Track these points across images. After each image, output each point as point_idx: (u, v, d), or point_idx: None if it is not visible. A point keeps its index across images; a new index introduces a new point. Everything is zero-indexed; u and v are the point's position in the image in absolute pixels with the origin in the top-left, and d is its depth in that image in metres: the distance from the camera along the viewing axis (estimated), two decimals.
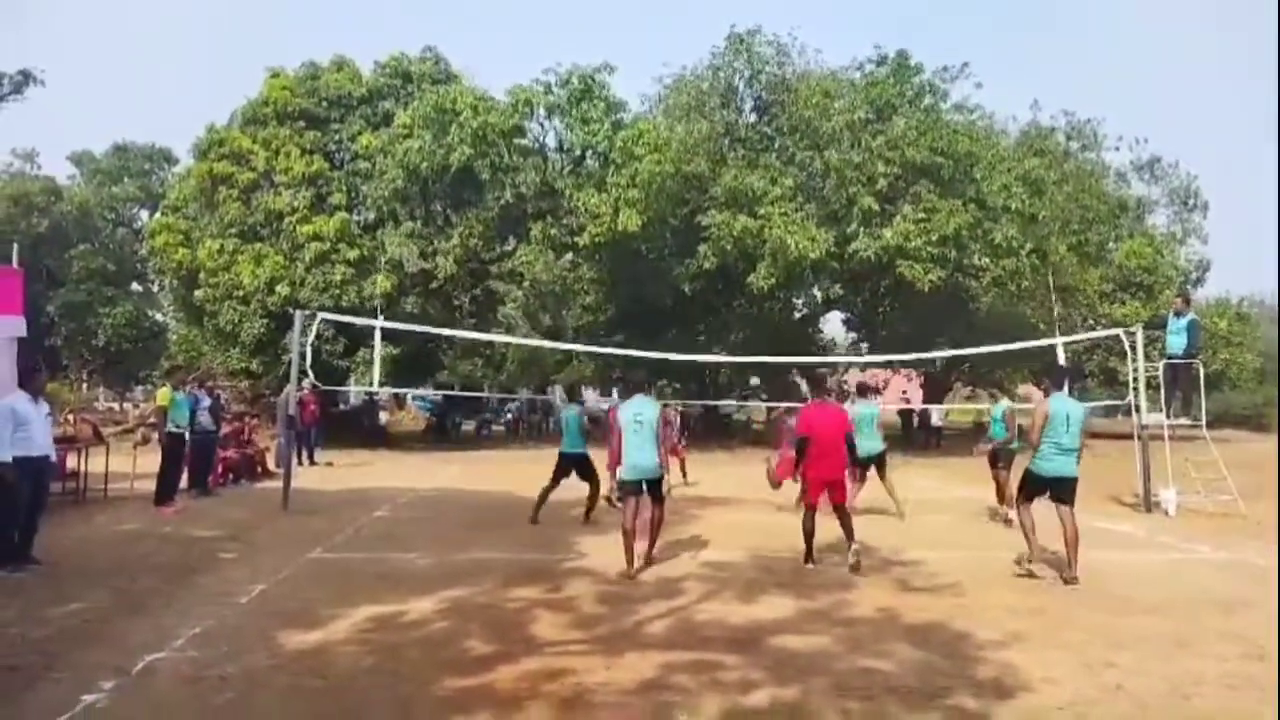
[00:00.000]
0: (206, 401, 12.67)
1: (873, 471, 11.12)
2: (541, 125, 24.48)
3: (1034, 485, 7.55)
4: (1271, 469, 13.61)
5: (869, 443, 10.68)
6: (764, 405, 31.57)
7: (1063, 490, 7.42)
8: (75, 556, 8.04)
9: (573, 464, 10.37)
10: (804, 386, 27.25)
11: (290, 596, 6.59)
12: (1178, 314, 12.93)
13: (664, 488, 7.99)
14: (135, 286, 39.58)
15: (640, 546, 7.54)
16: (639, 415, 7.64)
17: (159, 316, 38.10)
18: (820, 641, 5.43)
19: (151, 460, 12.08)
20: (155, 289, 38.92)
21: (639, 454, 7.57)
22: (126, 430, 16.34)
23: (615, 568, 7.48)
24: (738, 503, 12.52)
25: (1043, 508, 7.68)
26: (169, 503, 11.10)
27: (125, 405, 38.86)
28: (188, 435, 11.94)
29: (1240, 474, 12.50)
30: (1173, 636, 5.64)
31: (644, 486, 7.67)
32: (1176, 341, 12.59)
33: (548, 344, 23.16)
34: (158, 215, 29.79)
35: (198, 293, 23.39)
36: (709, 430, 27.79)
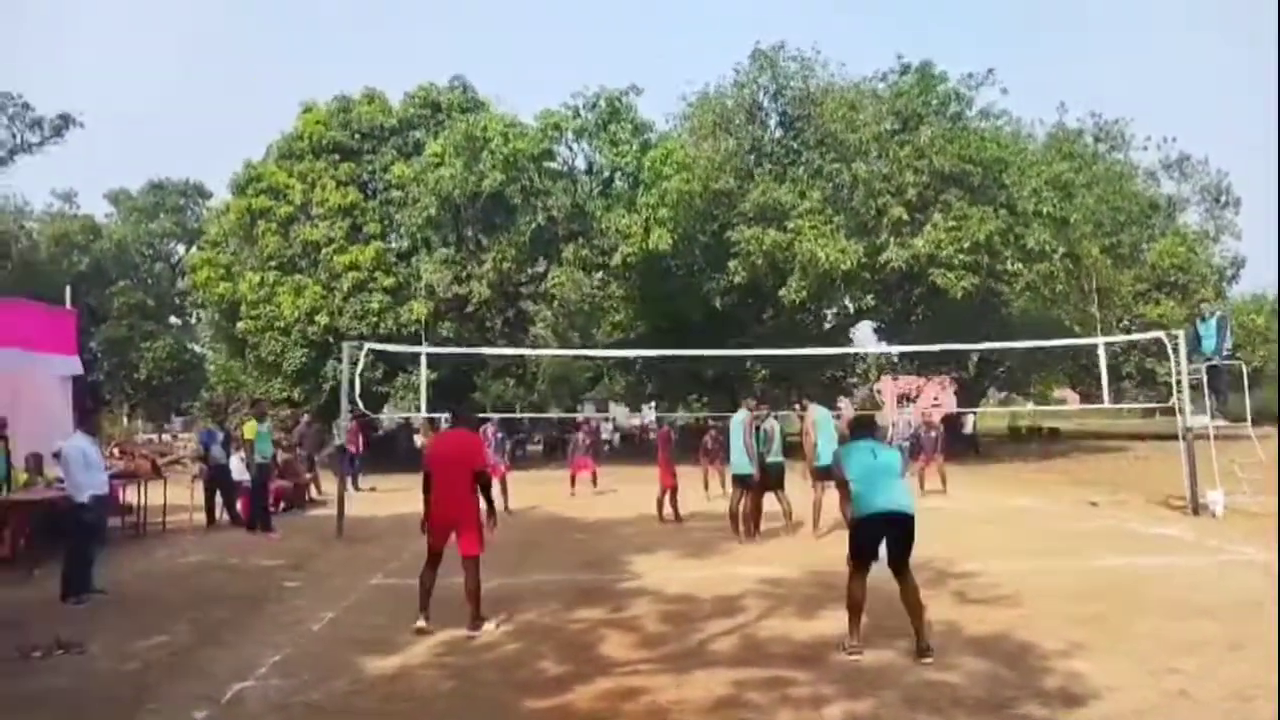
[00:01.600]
0: (220, 435, 13.01)
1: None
2: (570, 149, 24.84)
3: None
4: None
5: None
6: (797, 415, 31.60)
7: None
8: (146, 589, 8.33)
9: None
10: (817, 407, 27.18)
11: (360, 623, 6.79)
12: (1203, 317, 13.42)
13: None
14: (174, 320, 40.42)
15: None
16: None
17: (197, 349, 38.83)
18: (885, 656, 5.52)
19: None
20: (193, 321, 39.73)
21: None
22: (173, 461, 16.71)
23: (671, 589, 7.64)
24: (786, 518, 12.58)
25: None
26: (270, 529, 11.72)
27: (165, 437, 39.57)
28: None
29: None
30: (1227, 640, 5.69)
31: None
32: (1209, 343, 12.81)
33: (585, 353, 23.30)
34: (198, 250, 30.45)
35: (240, 325, 23.88)
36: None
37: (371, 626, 6.62)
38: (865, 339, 32.67)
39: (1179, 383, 12.69)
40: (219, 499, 12.81)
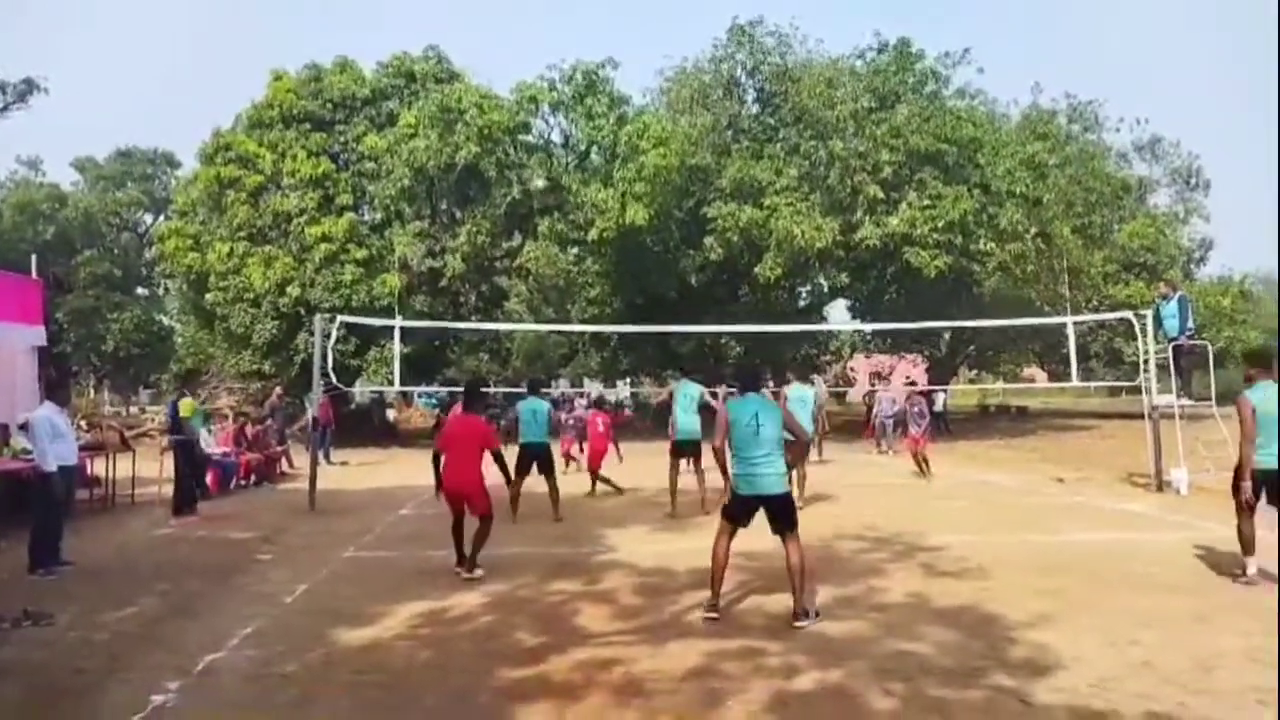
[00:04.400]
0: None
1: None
2: (546, 122, 24.64)
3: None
4: None
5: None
6: (769, 392, 31.81)
7: None
8: (115, 561, 8.28)
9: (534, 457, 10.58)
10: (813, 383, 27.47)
11: (334, 595, 6.78)
12: (1165, 298, 13.49)
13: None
14: (141, 291, 39.78)
15: None
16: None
17: (166, 320, 38.28)
18: (856, 626, 5.61)
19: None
20: (161, 293, 39.13)
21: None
22: (142, 434, 16.49)
23: (646, 562, 7.71)
24: None
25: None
26: (192, 511, 10.98)
27: (132, 409, 39.07)
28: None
29: None
30: (1192, 613, 5.83)
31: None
32: (1172, 325, 13.01)
33: (561, 328, 23.28)
34: (166, 220, 29.93)
35: (208, 296, 23.54)
36: (714, 418, 27.94)
37: (345, 598, 6.61)
38: (839, 316, 32.92)
39: (1145, 362, 12.92)
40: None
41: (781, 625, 5.67)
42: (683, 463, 10.73)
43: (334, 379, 13.06)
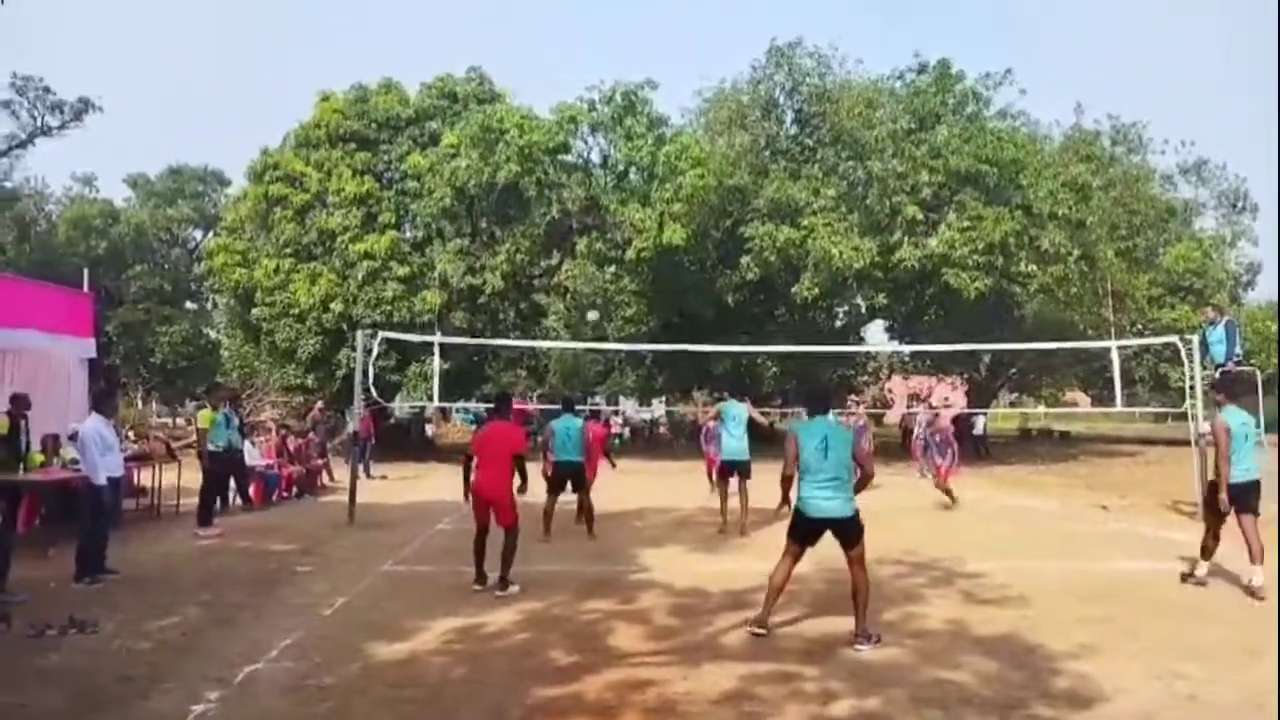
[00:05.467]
0: (235, 421, 12.79)
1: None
2: (586, 142, 24.80)
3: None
4: None
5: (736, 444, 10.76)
6: (806, 413, 31.67)
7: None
8: (159, 570, 8.41)
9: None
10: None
11: (372, 608, 6.85)
12: (1212, 323, 13.28)
13: None
14: (190, 305, 40.61)
15: None
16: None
17: (213, 334, 39.03)
18: (893, 653, 5.55)
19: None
20: (209, 307, 39.90)
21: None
22: (188, 445, 16.84)
23: (681, 582, 7.68)
24: None
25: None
26: (210, 525, 10.79)
27: (179, 420, 39.81)
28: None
29: None
30: (1240, 646, 5.68)
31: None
32: (1219, 350, 12.77)
33: (598, 346, 23.40)
34: (215, 236, 30.58)
35: (255, 311, 24.01)
36: (752, 438, 27.82)
37: (383, 612, 6.67)
38: (877, 338, 32.64)
39: (1191, 388, 12.65)
40: (232, 483, 12.90)
41: (820, 649, 5.62)
42: (732, 482, 10.79)
43: (374, 394, 13.23)
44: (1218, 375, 12.63)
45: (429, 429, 32.79)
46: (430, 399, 16.83)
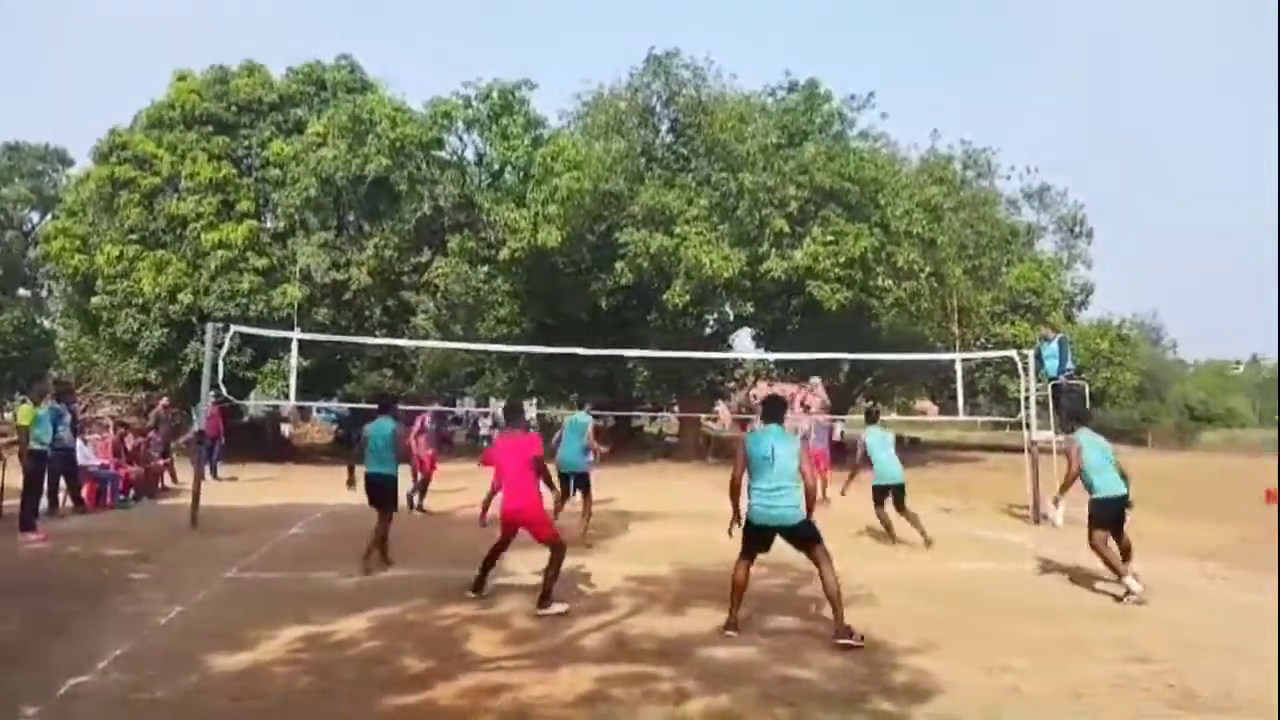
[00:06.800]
0: (68, 417, 11.88)
1: None
2: (461, 139, 24.35)
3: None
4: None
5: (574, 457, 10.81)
6: (675, 417, 32.26)
7: None
8: None
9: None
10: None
11: (212, 617, 6.50)
12: (1046, 340, 14.47)
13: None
14: (23, 292, 37.58)
15: None
16: None
17: (48, 324, 36.19)
18: (746, 652, 5.70)
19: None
20: (45, 295, 36.99)
21: None
22: (14, 443, 15.44)
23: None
24: (661, 517, 12.76)
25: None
26: (33, 528, 10.00)
27: (6, 416, 36.68)
28: (49, 453, 10.85)
29: None
30: (1065, 642, 6.13)
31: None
32: (1052, 365, 13.86)
33: (465, 347, 22.98)
34: (54, 219, 28.35)
35: (94, 300, 22.39)
36: (621, 443, 28.08)
37: (224, 621, 6.34)
38: (744, 345, 33.48)
39: (1026, 399, 13.61)
40: (63, 483, 11.97)
41: (674, 649, 5.72)
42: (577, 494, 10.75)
43: (224, 390, 12.55)
44: (1050, 389, 13.67)
45: (286, 429, 31.40)
46: (287, 397, 16.09)
